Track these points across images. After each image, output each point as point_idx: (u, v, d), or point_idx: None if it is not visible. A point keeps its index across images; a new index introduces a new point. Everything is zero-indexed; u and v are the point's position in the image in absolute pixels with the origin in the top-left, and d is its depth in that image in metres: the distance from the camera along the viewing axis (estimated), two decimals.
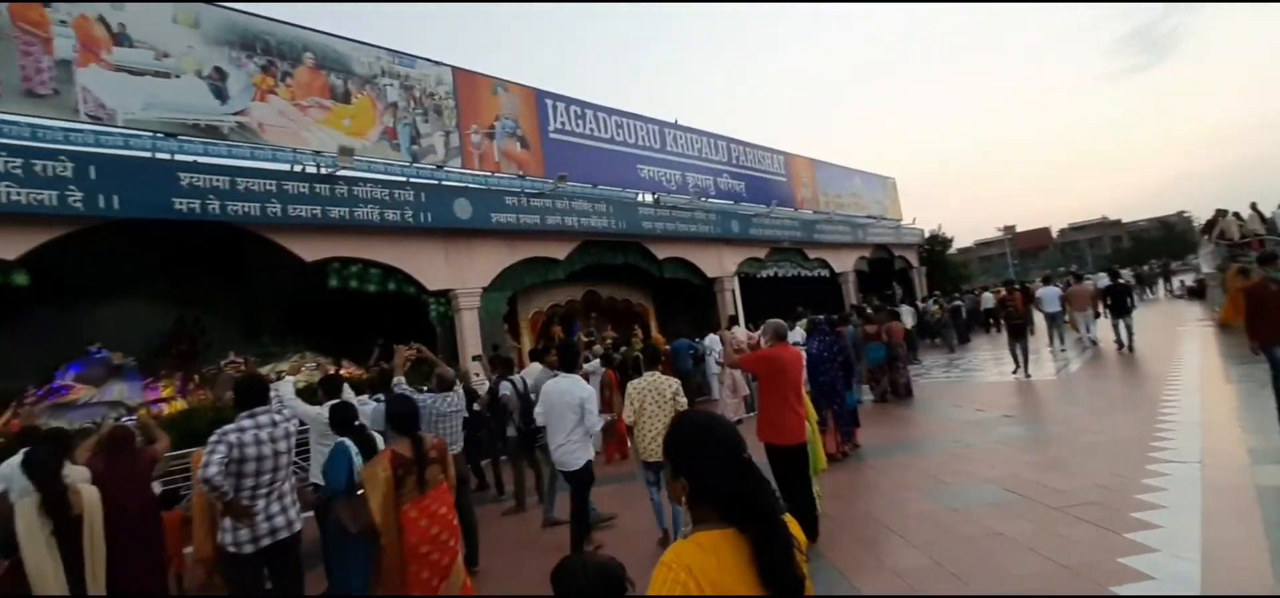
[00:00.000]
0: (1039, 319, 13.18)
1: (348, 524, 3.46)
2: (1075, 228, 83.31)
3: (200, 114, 8.00)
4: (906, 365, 10.10)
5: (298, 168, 8.70)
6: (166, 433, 4.45)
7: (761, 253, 16.74)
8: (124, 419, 5.60)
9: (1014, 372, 10.16)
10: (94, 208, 6.75)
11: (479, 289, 10.25)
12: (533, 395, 6.57)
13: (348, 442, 3.71)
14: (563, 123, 12.60)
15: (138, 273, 8.61)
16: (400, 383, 4.95)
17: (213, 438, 2.94)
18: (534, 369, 7.21)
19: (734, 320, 12.51)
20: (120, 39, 7.48)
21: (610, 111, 13.70)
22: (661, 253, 13.72)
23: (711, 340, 11.17)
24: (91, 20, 7.33)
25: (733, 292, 15.36)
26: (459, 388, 5.36)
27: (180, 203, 7.30)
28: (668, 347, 11.32)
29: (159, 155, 7.65)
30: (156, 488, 4.03)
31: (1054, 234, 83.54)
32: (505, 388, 6.44)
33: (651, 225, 13.25)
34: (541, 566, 1.51)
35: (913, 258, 24.94)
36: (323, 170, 8.75)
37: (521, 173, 11.54)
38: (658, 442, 4.36)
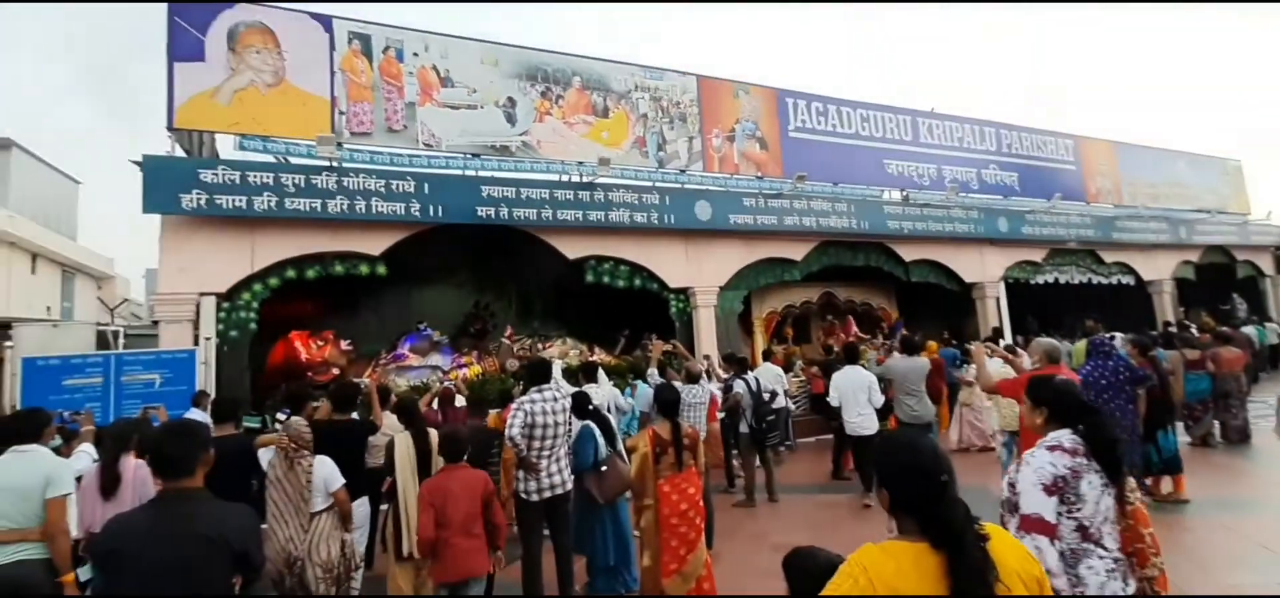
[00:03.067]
0: None
1: (595, 495, 3.97)
2: None
3: (496, 137, 9.71)
4: (1243, 403, 7.81)
5: (565, 177, 10.02)
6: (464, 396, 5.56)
7: (1037, 255, 14.35)
8: (445, 383, 7.10)
9: None
10: (427, 215, 8.65)
11: (716, 288, 10.63)
12: (765, 395, 6.67)
13: (592, 425, 4.21)
14: (803, 121, 12.37)
15: (449, 266, 10.77)
16: (654, 373, 5.44)
17: (513, 407, 3.67)
18: (767, 370, 7.27)
19: (998, 333, 10.98)
20: (446, 82, 9.45)
21: (855, 105, 13.05)
22: (909, 254, 12.63)
23: None
24: (428, 69, 9.39)
25: (997, 299, 13.45)
26: (705, 381, 5.70)
27: (482, 210, 8.94)
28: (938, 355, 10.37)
29: (467, 172, 9.48)
30: None
31: None
32: (738, 386, 6.62)
33: (898, 225, 12.28)
34: (771, 560, 1.62)
35: (1266, 263, 18.99)
36: (584, 179, 9.94)
37: (760, 174, 11.64)
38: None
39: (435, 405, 5.78)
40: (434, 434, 3.72)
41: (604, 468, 3.93)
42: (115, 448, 3.27)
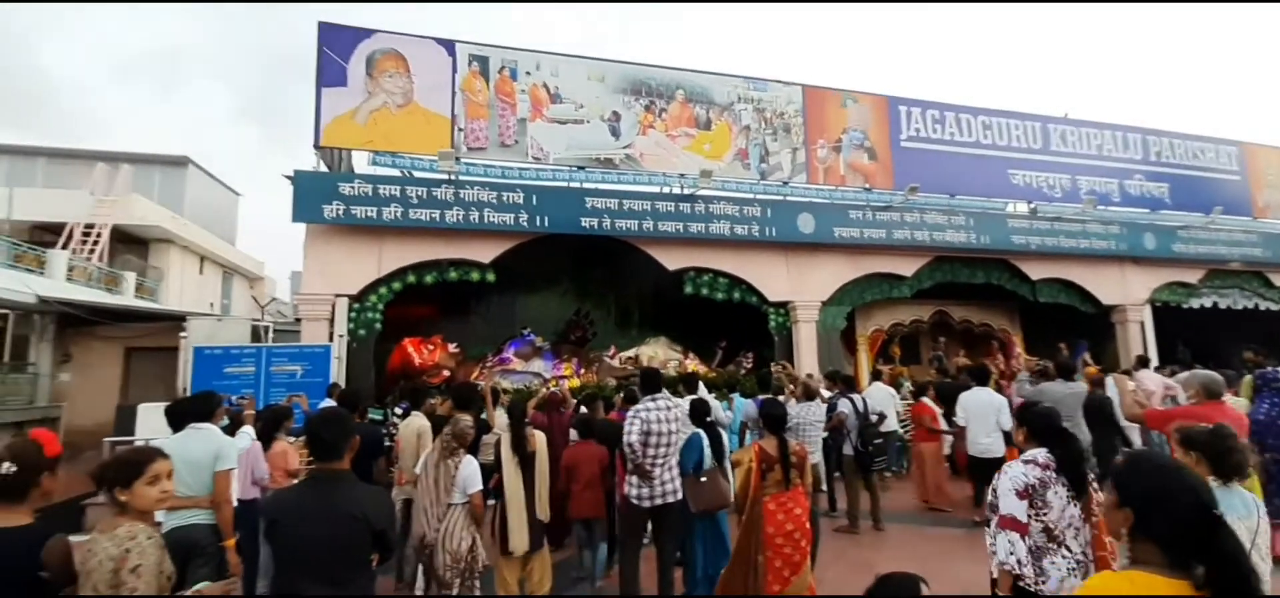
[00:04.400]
0: None
1: (690, 502, 3.97)
2: None
3: (601, 149, 9.98)
4: None
5: (666, 189, 10.12)
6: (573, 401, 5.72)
7: (1192, 276, 12.72)
8: (552, 389, 7.36)
9: None
10: (533, 226, 9.04)
11: (818, 303, 10.30)
12: (873, 417, 6.37)
13: (701, 433, 4.22)
14: (917, 129, 11.75)
15: (552, 275, 11.17)
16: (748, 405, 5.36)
17: (629, 414, 3.77)
18: (876, 390, 6.95)
19: (1143, 361, 9.79)
20: (555, 98, 9.86)
21: (976, 112, 12.23)
22: (1036, 272, 11.62)
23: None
24: (539, 86, 9.84)
25: (1141, 323, 12.06)
26: (819, 399, 5.52)
27: (585, 221, 9.23)
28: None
29: (572, 184, 9.82)
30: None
31: None
32: (844, 406, 6.35)
33: (1024, 240, 11.34)
34: None
35: None
36: (685, 191, 9.99)
37: (868, 185, 11.18)
38: None
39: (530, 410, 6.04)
40: (539, 435, 3.91)
41: (704, 479, 3.91)
42: (263, 428, 3.72)
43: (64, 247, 13.42)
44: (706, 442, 4.03)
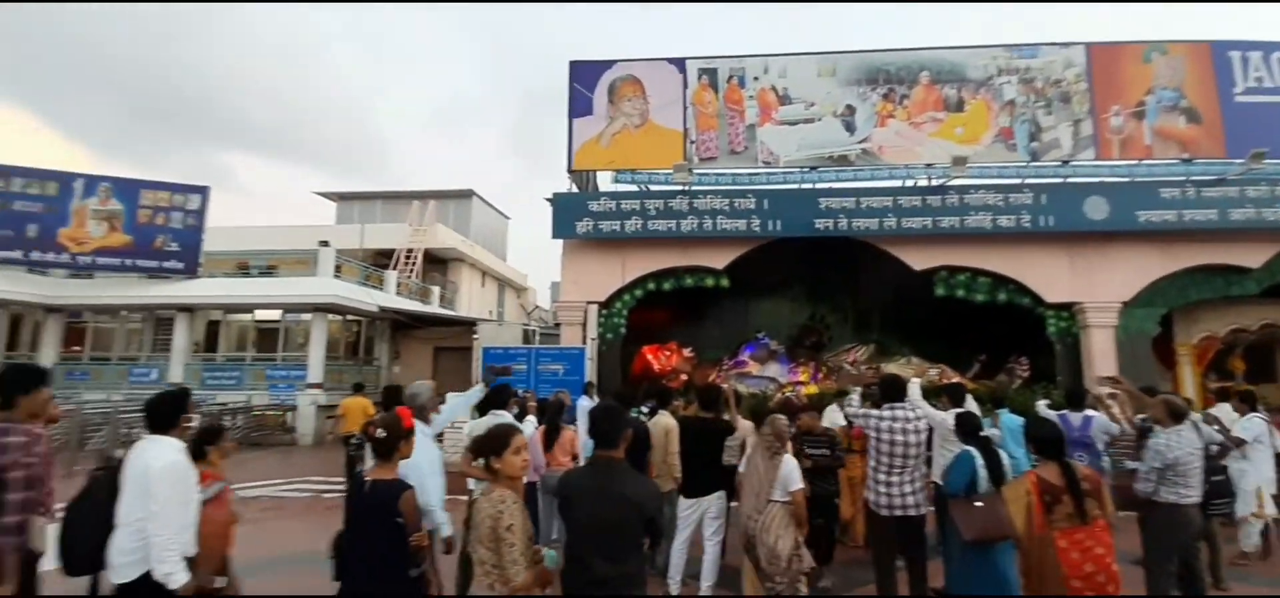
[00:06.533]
0: None
1: (960, 528, 3.50)
2: None
3: (834, 147, 9.55)
4: None
5: (910, 182, 9.27)
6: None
7: None
8: (789, 394, 7.26)
9: None
10: (765, 230, 9.01)
11: (1116, 304, 8.48)
12: (1213, 447, 5.01)
13: (974, 451, 3.73)
14: (1259, 78, 9.02)
15: (785, 278, 10.98)
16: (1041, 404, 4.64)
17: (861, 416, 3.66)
18: (1219, 414, 5.48)
19: None
20: (784, 99, 9.71)
21: None
22: None
23: None
24: (767, 90, 9.80)
25: None
26: (1201, 424, 4.32)
27: (819, 222, 8.91)
28: None
29: (804, 185, 9.56)
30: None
31: None
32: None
33: None
34: None
35: None
36: (934, 182, 9.03)
37: (1186, 155, 8.89)
38: None
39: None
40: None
41: (978, 503, 3.45)
42: (549, 418, 4.34)
43: (393, 268, 17.17)
44: (980, 460, 3.55)
